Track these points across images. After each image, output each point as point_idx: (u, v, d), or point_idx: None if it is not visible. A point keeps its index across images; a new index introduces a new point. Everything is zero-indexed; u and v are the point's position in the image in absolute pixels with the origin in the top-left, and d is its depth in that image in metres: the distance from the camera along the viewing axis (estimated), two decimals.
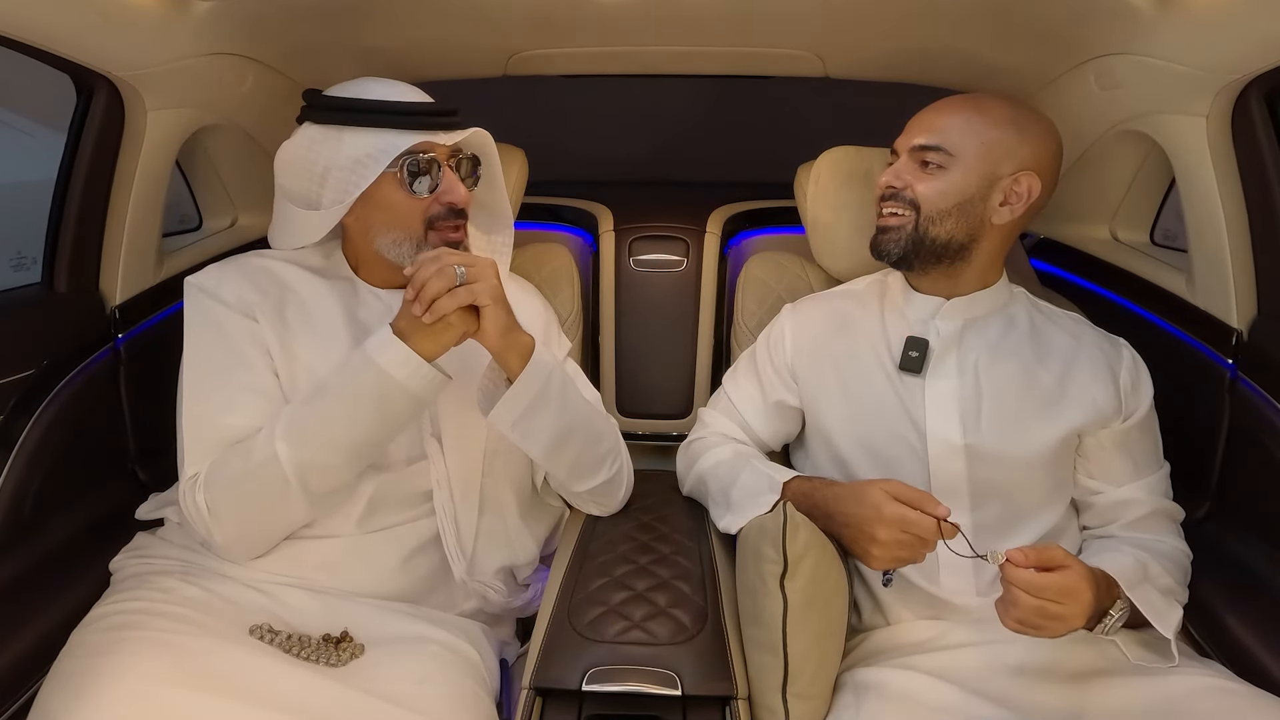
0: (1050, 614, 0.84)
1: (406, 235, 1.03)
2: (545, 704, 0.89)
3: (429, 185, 1.01)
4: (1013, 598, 0.84)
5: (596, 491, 1.13)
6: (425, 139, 1.00)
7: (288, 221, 1.07)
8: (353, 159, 0.99)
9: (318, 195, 1.02)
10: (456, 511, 1.06)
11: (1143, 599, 0.91)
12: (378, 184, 1.00)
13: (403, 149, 0.99)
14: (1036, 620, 0.84)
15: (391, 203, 1.02)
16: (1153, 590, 0.94)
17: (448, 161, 1.03)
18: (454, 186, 1.03)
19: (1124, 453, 1.06)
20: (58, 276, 1.18)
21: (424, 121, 1.01)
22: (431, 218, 1.02)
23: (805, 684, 0.89)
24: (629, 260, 1.64)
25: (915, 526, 0.89)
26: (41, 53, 1.00)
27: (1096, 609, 0.89)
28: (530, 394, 0.98)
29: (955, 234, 1.04)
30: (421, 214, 1.02)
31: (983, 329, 1.09)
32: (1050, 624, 0.84)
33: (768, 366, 1.18)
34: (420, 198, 1.01)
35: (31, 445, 1.09)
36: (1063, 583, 0.84)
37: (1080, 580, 0.85)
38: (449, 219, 1.03)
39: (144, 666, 0.80)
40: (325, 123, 1.01)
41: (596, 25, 1.27)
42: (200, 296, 1.03)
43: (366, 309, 1.09)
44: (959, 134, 1.03)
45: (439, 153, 1.02)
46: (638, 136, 2.28)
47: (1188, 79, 1.05)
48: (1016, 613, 0.84)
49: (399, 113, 1.00)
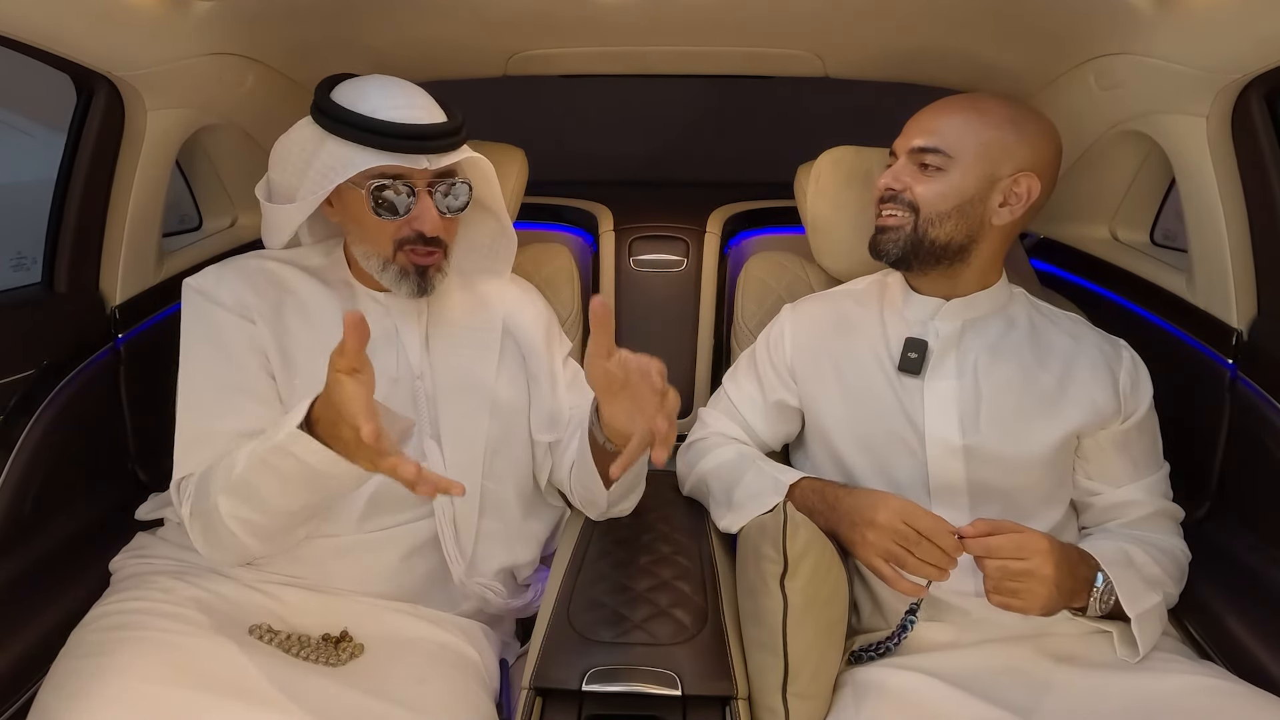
0: (1015, 571, 0.86)
1: (375, 250, 1.02)
2: (545, 704, 0.89)
3: (399, 208, 0.98)
4: (978, 566, 0.88)
5: (616, 511, 1.14)
6: (395, 162, 0.96)
7: (267, 214, 1.08)
8: (326, 165, 0.98)
9: (295, 191, 1.02)
10: (456, 513, 1.06)
11: (1119, 577, 0.93)
12: (352, 196, 0.99)
13: (360, 169, 0.95)
14: (1006, 583, 0.87)
15: (360, 219, 1.00)
16: (1134, 573, 0.96)
17: (427, 186, 0.99)
18: (425, 214, 0.99)
19: (1123, 453, 1.06)
20: (58, 276, 1.18)
21: (400, 144, 0.96)
22: (400, 240, 1.00)
23: (805, 684, 0.89)
24: (629, 260, 1.64)
25: (916, 520, 0.89)
26: (41, 53, 1.00)
27: (1077, 578, 0.91)
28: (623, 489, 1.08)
29: (954, 235, 1.04)
30: (390, 235, 1.00)
31: (982, 330, 1.08)
32: (1023, 584, 0.87)
33: (767, 366, 1.18)
34: (383, 220, 0.99)
35: (31, 445, 1.09)
36: (1017, 539, 0.88)
37: (1035, 536, 0.89)
38: (418, 243, 1.00)
39: (143, 666, 0.81)
40: (318, 123, 1.00)
41: (596, 25, 1.27)
42: (197, 299, 1.03)
43: (364, 310, 1.08)
44: (957, 135, 1.03)
45: (416, 177, 0.98)
46: (638, 136, 2.28)
47: (1188, 79, 1.05)
48: (987, 582, 0.88)
49: (376, 131, 0.95)
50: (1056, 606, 0.90)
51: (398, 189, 0.97)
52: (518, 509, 1.14)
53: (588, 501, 1.12)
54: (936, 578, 0.90)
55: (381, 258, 1.02)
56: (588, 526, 1.15)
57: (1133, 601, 0.92)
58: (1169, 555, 1.03)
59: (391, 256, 1.01)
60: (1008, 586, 0.87)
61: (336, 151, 0.97)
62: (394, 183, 0.97)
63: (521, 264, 1.38)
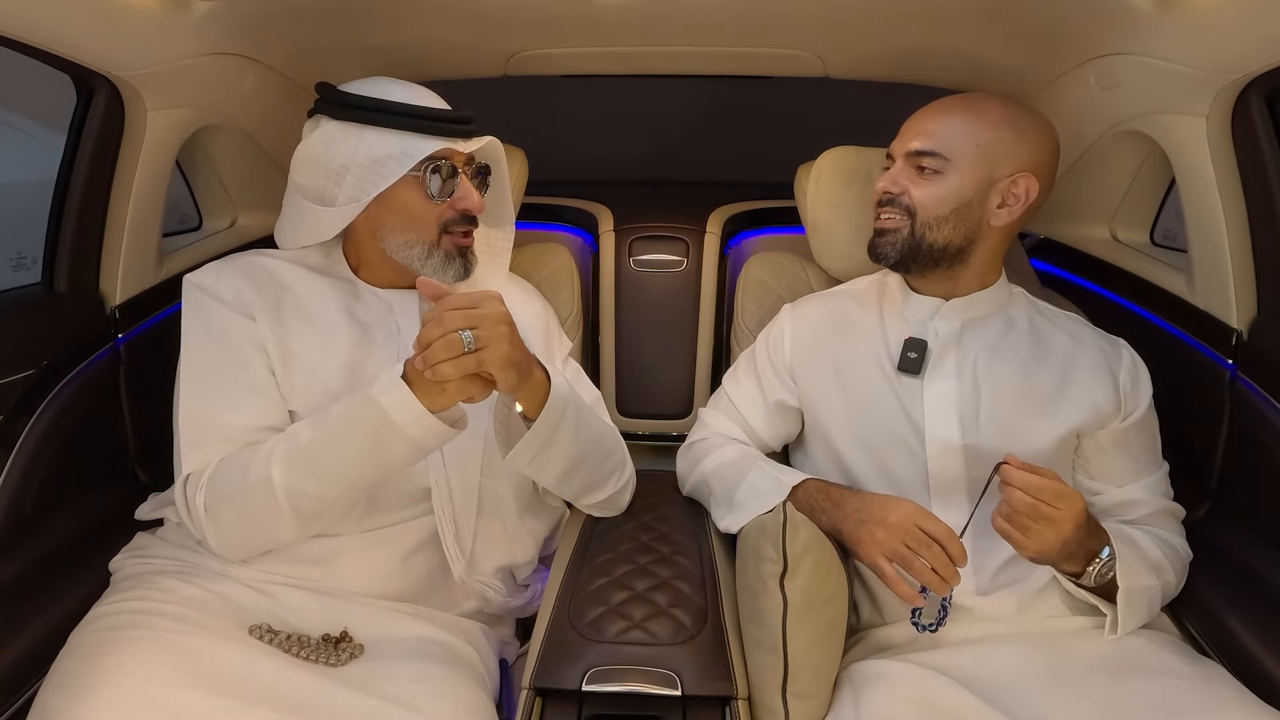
0: (1042, 514, 0.87)
1: (420, 238, 1.04)
2: (545, 704, 0.89)
3: (448, 191, 1.03)
4: (1007, 495, 0.88)
5: (604, 503, 1.14)
6: (447, 145, 1.02)
7: (300, 218, 1.07)
8: (372, 159, 1.00)
9: (333, 193, 1.02)
10: (455, 510, 1.06)
11: (1124, 553, 0.94)
12: (395, 186, 1.01)
13: (426, 154, 1.00)
14: (1026, 519, 0.87)
15: (408, 206, 1.03)
16: (1139, 555, 0.96)
17: (463, 168, 1.05)
18: (470, 193, 1.05)
19: (1123, 453, 1.06)
20: (58, 277, 1.18)
21: (446, 128, 1.02)
22: (446, 223, 1.04)
23: (805, 683, 0.89)
24: (629, 260, 1.64)
25: (929, 524, 0.89)
26: (41, 53, 1.00)
27: (1083, 546, 0.92)
28: (547, 431, 0.97)
29: (953, 238, 1.04)
30: (437, 219, 1.04)
31: (982, 329, 1.09)
32: (1038, 526, 0.87)
33: (767, 366, 1.18)
34: (437, 203, 1.03)
35: (31, 445, 1.09)
36: (1058, 487, 0.88)
37: (1075, 496, 0.89)
38: (461, 224, 1.06)
39: (144, 666, 0.80)
40: (344, 119, 1.01)
41: (597, 25, 1.27)
42: (198, 295, 1.03)
43: (366, 309, 1.09)
44: (954, 137, 1.03)
45: (456, 159, 1.04)
46: (638, 136, 2.28)
47: (1188, 79, 1.05)
48: (1008, 509, 0.88)
49: (423, 117, 1.01)
50: (1050, 560, 0.91)
51: (447, 171, 1.03)
52: (515, 508, 1.14)
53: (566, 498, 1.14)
54: (937, 588, 0.90)
55: (426, 244, 1.04)
56: (588, 527, 1.15)
57: (1128, 576, 0.94)
58: (1172, 549, 1.04)
59: (436, 241, 1.05)
60: (1022, 522, 0.88)
61: (384, 143, 1.00)
62: (444, 164, 1.02)
63: (521, 264, 1.39)
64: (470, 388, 0.87)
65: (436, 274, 1.04)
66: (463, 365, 0.83)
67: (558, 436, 0.98)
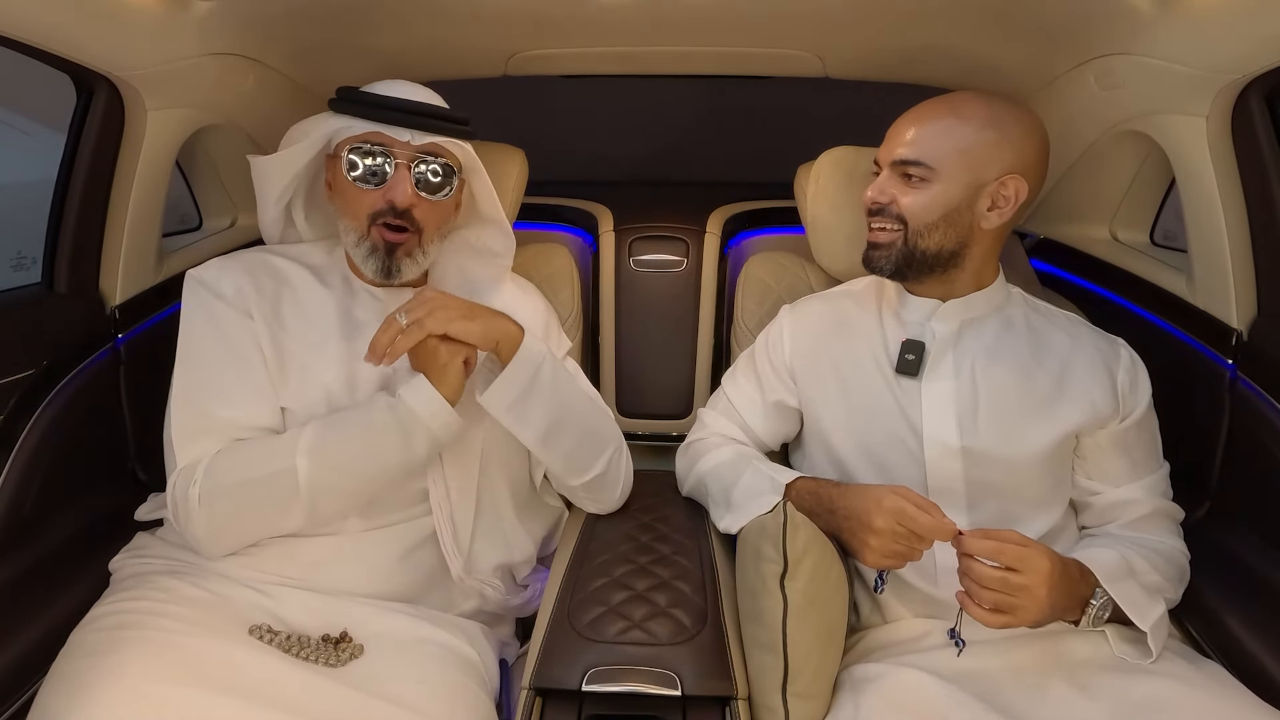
0: (1014, 585, 0.85)
1: (353, 224, 1.05)
2: (545, 704, 0.89)
3: (369, 176, 1.02)
4: (974, 573, 0.86)
5: (592, 486, 1.13)
6: (376, 129, 1.01)
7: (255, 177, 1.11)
8: (319, 136, 1.05)
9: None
10: (453, 509, 1.06)
11: (1122, 593, 0.92)
12: (336, 168, 1.05)
13: (346, 135, 1.03)
14: (1001, 596, 0.85)
15: (343, 189, 1.05)
16: (1135, 585, 0.94)
17: (408, 162, 1.02)
18: (397, 184, 1.01)
19: (1122, 453, 1.06)
20: (58, 276, 1.18)
21: (383, 115, 1.02)
22: (375, 213, 1.03)
23: (805, 683, 0.89)
24: (629, 260, 1.64)
25: (912, 521, 0.89)
26: (41, 53, 1.00)
27: (1073, 597, 0.90)
28: (521, 379, 1.01)
29: (945, 244, 1.04)
30: (367, 206, 1.03)
31: (979, 330, 1.08)
32: (1017, 598, 0.85)
33: (766, 367, 1.18)
34: (367, 190, 1.02)
35: (31, 445, 1.09)
36: (1019, 550, 0.86)
37: (1037, 552, 0.87)
38: (390, 216, 1.02)
39: (144, 666, 0.80)
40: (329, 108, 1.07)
41: (596, 25, 1.27)
42: (199, 290, 1.04)
43: (362, 307, 1.09)
44: (938, 144, 1.02)
45: (397, 150, 1.02)
46: (637, 136, 2.28)
47: (1188, 79, 1.05)
48: (980, 589, 0.86)
49: (364, 103, 1.03)
50: (1047, 621, 0.89)
51: (374, 154, 1.01)
52: (512, 507, 1.14)
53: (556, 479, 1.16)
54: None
55: (358, 232, 1.05)
56: (587, 527, 1.15)
57: (1140, 614, 0.92)
58: (1168, 559, 1.03)
59: (365, 231, 1.04)
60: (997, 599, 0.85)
61: (330, 123, 1.05)
62: (370, 147, 1.02)
63: (521, 264, 1.38)
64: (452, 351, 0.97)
65: (362, 265, 1.05)
66: (410, 336, 0.93)
67: (536, 387, 1.02)
